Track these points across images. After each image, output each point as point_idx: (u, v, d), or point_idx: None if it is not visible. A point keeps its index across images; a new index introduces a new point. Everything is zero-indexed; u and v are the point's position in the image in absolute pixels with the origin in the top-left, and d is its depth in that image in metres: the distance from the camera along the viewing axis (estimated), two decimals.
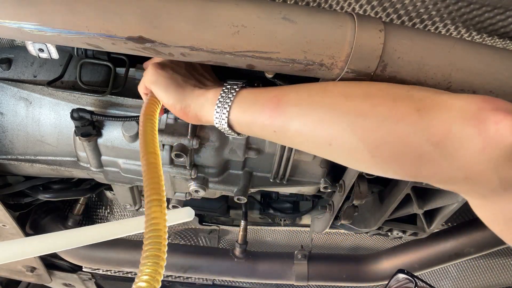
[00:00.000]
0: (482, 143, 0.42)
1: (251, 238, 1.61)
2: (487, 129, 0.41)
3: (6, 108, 0.88)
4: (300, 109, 0.52)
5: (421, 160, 0.46)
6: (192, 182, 0.93)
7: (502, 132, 0.41)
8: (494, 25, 0.67)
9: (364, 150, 0.48)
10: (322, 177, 0.97)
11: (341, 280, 1.43)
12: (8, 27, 0.51)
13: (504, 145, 0.41)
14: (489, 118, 0.42)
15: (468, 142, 0.42)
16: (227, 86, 0.60)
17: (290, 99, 0.54)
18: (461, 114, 0.43)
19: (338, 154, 0.52)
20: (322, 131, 0.51)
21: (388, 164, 0.49)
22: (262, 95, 0.56)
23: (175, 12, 0.52)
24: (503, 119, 0.41)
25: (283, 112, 0.53)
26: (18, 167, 0.97)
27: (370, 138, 0.48)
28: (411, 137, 0.45)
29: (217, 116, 0.58)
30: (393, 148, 0.47)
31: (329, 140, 0.50)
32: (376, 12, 0.68)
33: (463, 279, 1.64)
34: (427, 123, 0.45)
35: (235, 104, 0.57)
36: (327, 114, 0.50)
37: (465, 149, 0.43)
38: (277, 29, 0.54)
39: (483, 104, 0.43)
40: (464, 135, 0.43)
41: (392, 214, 1.02)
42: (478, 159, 0.42)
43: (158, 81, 0.63)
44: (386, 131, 0.46)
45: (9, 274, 1.47)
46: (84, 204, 1.41)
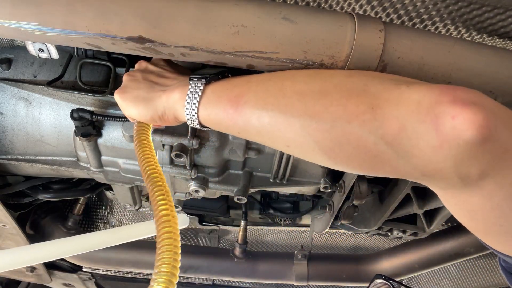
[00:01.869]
0: (438, 140, 0.39)
1: (251, 238, 1.61)
2: (443, 125, 0.38)
3: (6, 108, 0.88)
4: (257, 111, 0.51)
5: (377, 159, 0.44)
6: (192, 182, 0.93)
7: (460, 127, 0.37)
8: (494, 25, 0.67)
9: (320, 151, 0.48)
10: (322, 177, 0.97)
11: (341, 280, 1.43)
12: (8, 27, 0.51)
13: (462, 140, 0.37)
14: (445, 112, 0.38)
15: (423, 139, 0.40)
16: (191, 84, 0.58)
17: (248, 100, 0.52)
18: (416, 108, 0.40)
19: (297, 155, 0.54)
20: (278, 133, 0.51)
21: (344, 164, 0.49)
22: (224, 95, 0.55)
23: (175, 12, 0.52)
24: (461, 112, 0.37)
25: (242, 114, 0.53)
26: (18, 167, 0.97)
27: (324, 140, 0.47)
28: (365, 137, 0.43)
29: (188, 118, 0.58)
30: (347, 149, 0.46)
31: (286, 142, 0.51)
32: (376, 12, 0.68)
33: (463, 279, 1.64)
34: (381, 122, 0.42)
35: (202, 104, 0.57)
36: (282, 117, 0.49)
37: (420, 147, 0.40)
38: (277, 29, 0.54)
39: (440, 97, 0.39)
40: (419, 132, 0.40)
41: (392, 214, 1.02)
42: (435, 157, 0.40)
43: (127, 107, 0.65)
44: (339, 132, 0.45)
45: (9, 274, 1.47)
46: (84, 204, 1.41)
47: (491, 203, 0.41)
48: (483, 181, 0.40)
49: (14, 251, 0.71)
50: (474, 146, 0.37)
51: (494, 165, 0.39)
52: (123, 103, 0.65)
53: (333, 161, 0.49)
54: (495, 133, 0.37)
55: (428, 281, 1.75)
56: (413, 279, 1.79)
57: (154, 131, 0.85)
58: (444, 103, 0.39)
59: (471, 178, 0.40)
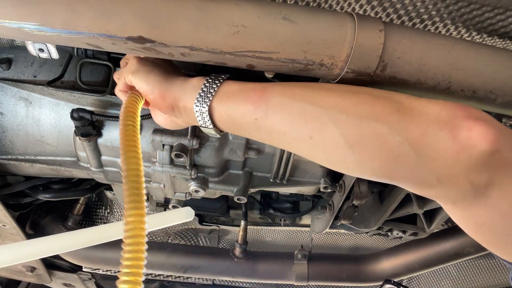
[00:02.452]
0: (456, 147, 0.44)
1: (251, 238, 1.61)
2: (461, 135, 0.43)
3: (6, 108, 0.88)
4: (284, 100, 0.52)
5: (398, 160, 0.47)
6: (192, 182, 0.93)
7: (474, 138, 0.43)
8: (494, 25, 0.67)
9: (345, 145, 0.49)
10: (322, 177, 0.97)
11: (341, 280, 1.43)
12: (8, 27, 0.51)
13: (475, 150, 0.43)
14: (462, 124, 0.44)
15: (443, 145, 0.44)
16: (212, 76, 0.59)
17: (275, 91, 0.54)
18: (437, 118, 0.45)
19: (317, 149, 0.52)
20: (303, 123, 0.51)
21: (366, 162, 0.49)
22: (247, 85, 0.56)
23: (175, 12, 0.52)
24: (475, 126, 0.43)
25: (266, 101, 0.53)
26: (18, 167, 0.97)
27: (351, 134, 0.48)
28: (390, 136, 0.46)
29: (198, 103, 0.57)
30: (372, 145, 0.47)
31: (310, 133, 0.51)
32: (376, 12, 0.68)
33: (463, 279, 1.64)
34: (406, 124, 0.46)
35: (220, 91, 0.57)
36: (310, 108, 0.51)
37: (439, 151, 0.44)
38: (277, 29, 0.53)
39: (458, 111, 0.45)
40: (439, 138, 0.44)
41: (392, 214, 1.02)
42: (451, 162, 0.44)
43: (138, 70, 0.61)
44: (366, 128, 0.47)
45: (9, 274, 1.47)
46: (84, 204, 1.41)
47: (497, 212, 0.45)
48: (490, 190, 0.44)
49: (11, 246, 0.71)
50: (485, 155, 0.43)
51: (500, 174, 0.44)
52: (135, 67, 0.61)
53: (355, 157, 0.49)
54: (502, 146, 0.43)
55: (428, 281, 1.75)
56: (413, 279, 1.79)
57: (154, 131, 0.85)
58: (461, 117, 0.44)
59: (480, 185, 0.44)
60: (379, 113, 0.47)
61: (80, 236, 0.76)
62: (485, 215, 0.47)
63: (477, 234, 0.50)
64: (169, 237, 1.65)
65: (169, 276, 1.69)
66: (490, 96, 0.60)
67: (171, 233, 1.64)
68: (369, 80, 0.58)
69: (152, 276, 1.69)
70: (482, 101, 0.62)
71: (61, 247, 0.74)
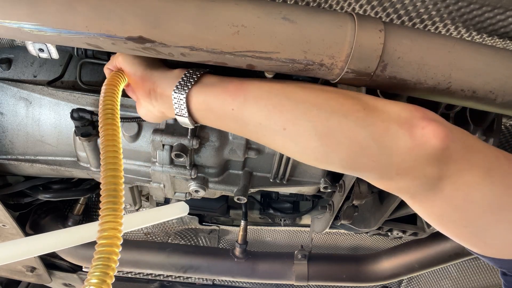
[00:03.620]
0: (412, 143, 0.49)
1: (251, 238, 1.61)
2: (416, 132, 0.49)
3: (6, 108, 0.88)
4: (261, 93, 0.56)
5: (363, 152, 0.51)
6: (192, 182, 0.93)
7: (427, 135, 0.48)
8: (494, 25, 0.67)
9: (315, 137, 0.53)
10: (322, 177, 0.97)
11: (341, 280, 1.43)
12: (8, 27, 0.51)
13: (428, 146, 0.48)
14: (418, 124, 0.49)
15: (401, 141, 0.49)
16: (193, 68, 0.62)
17: (253, 84, 0.57)
18: (397, 117, 0.51)
19: (290, 140, 0.55)
20: (279, 114, 0.54)
21: (334, 153, 0.53)
22: (226, 78, 0.60)
23: (175, 12, 0.52)
24: (428, 125, 0.49)
25: (244, 93, 0.56)
26: (18, 167, 0.97)
27: (321, 126, 0.52)
28: (357, 130, 0.51)
29: (176, 90, 0.58)
30: (340, 138, 0.52)
31: (284, 124, 0.54)
32: (376, 12, 0.68)
33: (463, 279, 1.64)
34: (371, 121, 0.51)
35: (200, 81, 0.59)
36: (285, 101, 0.54)
37: (398, 146, 0.50)
38: (277, 29, 0.54)
39: (415, 112, 0.51)
40: (398, 134, 0.50)
41: (392, 214, 1.02)
42: (408, 156, 0.49)
43: (127, 54, 0.64)
44: (336, 122, 0.52)
45: (9, 274, 1.47)
46: (84, 204, 1.41)
47: (451, 204, 0.50)
48: (443, 183, 0.49)
49: (8, 244, 0.71)
50: (437, 151, 0.48)
51: (450, 168, 0.49)
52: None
53: (324, 149, 0.53)
54: (451, 144, 0.49)
55: (428, 281, 1.75)
56: (413, 279, 1.79)
57: (155, 131, 0.85)
58: (418, 117, 0.50)
59: (434, 178, 0.49)
60: (347, 110, 0.52)
61: (76, 233, 0.76)
62: (441, 207, 0.51)
63: (440, 226, 0.55)
64: (169, 237, 1.65)
65: (169, 276, 1.69)
66: (490, 96, 0.60)
67: (171, 233, 1.64)
68: (369, 80, 0.58)
69: (152, 276, 1.69)
70: (482, 101, 0.62)
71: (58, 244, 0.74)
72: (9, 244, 0.71)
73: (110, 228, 0.48)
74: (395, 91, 0.62)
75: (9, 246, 0.71)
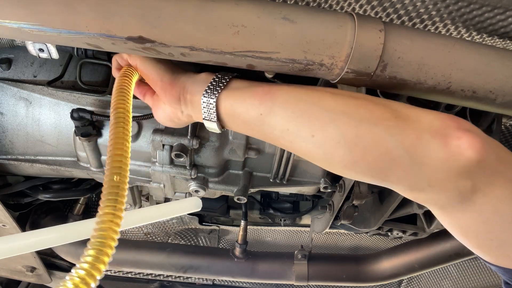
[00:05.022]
0: (446, 154, 0.47)
1: (251, 238, 1.61)
2: (451, 143, 0.47)
3: (6, 108, 0.88)
4: (289, 99, 0.55)
5: (393, 162, 0.49)
6: (192, 182, 0.93)
7: (463, 146, 0.46)
8: (494, 25, 0.67)
9: (345, 145, 0.51)
10: (322, 177, 0.97)
11: (341, 280, 1.43)
12: (8, 27, 0.51)
13: (463, 158, 0.46)
14: (453, 134, 0.47)
15: (434, 151, 0.47)
16: (221, 72, 0.61)
17: (281, 89, 0.56)
18: (430, 126, 0.49)
19: (318, 147, 0.53)
20: (307, 121, 0.53)
21: (363, 163, 0.51)
22: (255, 83, 0.59)
23: (175, 12, 0.52)
24: (464, 136, 0.47)
25: (272, 98, 0.55)
26: (18, 167, 0.97)
27: (351, 135, 0.51)
28: (387, 139, 0.49)
29: (206, 95, 0.58)
30: (370, 147, 0.50)
31: (312, 131, 0.53)
32: (376, 12, 0.68)
33: (463, 279, 1.64)
34: (402, 130, 0.49)
35: (228, 86, 0.59)
36: (313, 107, 0.53)
37: (431, 157, 0.48)
38: (277, 29, 0.53)
39: (449, 122, 0.49)
40: (431, 145, 0.48)
41: (392, 214, 1.02)
42: (441, 168, 0.47)
43: (147, 58, 0.63)
44: (365, 130, 0.50)
45: (9, 274, 1.47)
46: (84, 204, 1.41)
47: (481, 217, 0.49)
48: (475, 196, 0.48)
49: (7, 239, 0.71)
50: (472, 163, 0.46)
51: (484, 181, 0.47)
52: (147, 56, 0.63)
53: (353, 158, 0.51)
54: (487, 156, 0.47)
55: (428, 281, 1.75)
56: (413, 279, 1.79)
57: (155, 131, 0.85)
58: (452, 127, 0.48)
59: (466, 191, 0.48)
60: (377, 118, 0.50)
61: (75, 228, 0.75)
62: (470, 220, 0.50)
63: (464, 238, 0.53)
64: (169, 237, 1.65)
65: (169, 276, 1.69)
66: (490, 96, 0.60)
67: (171, 233, 1.64)
68: (369, 80, 0.58)
69: (152, 276, 1.69)
70: (482, 101, 0.62)
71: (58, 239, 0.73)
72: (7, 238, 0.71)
73: (108, 220, 0.46)
74: (395, 91, 0.62)
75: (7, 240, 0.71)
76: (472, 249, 0.53)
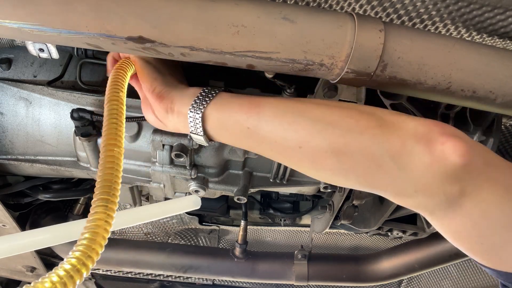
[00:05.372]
0: (430, 159, 0.47)
1: (251, 238, 1.61)
2: (435, 148, 0.47)
3: (6, 108, 0.88)
4: (276, 111, 0.56)
5: (380, 169, 0.50)
6: (192, 182, 0.93)
7: (447, 151, 0.47)
8: (494, 25, 0.67)
9: (332, 154, 0.52)
10: None
11: (341, 280, 1.43)
12: (8, 27, 0.51)
13: (448, 161, 0.47)
14: (436, 139, 0.48)
15: (419, 157, 0.48)
16: (209, 87, 0.62)
17: (268, 102, 0.57)
18: (414, 132, 0.49)
19: (306, 158, 0.54)
20: (294, 133, 0.54)
21: (351, 171, 0.52)
22: (241, 96, 0.60)
23: (175, 12, 0.52)
24: (448, 141, 0.47)
25: (259, 111, 0.56)
26: (18, 167, 0.97)
27: (338, 144, 0.52)
28: (373, 147, 0.50)
29: (192, 109, 0.59)
30: (357, 155, 0.51)
31: (300, 142, 0.54)
32: (376, 12, 0.68)
33: (463, 279, 1.64)
34: (387, 137, 0.50)
35: (215, 100, 0.60)
36: (300, 118, 0.54)
37: (416, 163, 0.48)
38: (277, 29, 0.53)
39: (433, 127, 0.49)
40: (416, 151, 0.48)
41: (392, 214, 1.02)
42: (427, 173, 0.48)
43: (150, 62, 0.65)
44: (352, 139, 0.51)
45: (9, 274, 1.47)
46: (84, 204, 1.41)
47: (470, 222, 0.49)
48: (463, 200, 0.48)
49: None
50: (457, 167, 0.47)
51: (470, 184, 0.47)
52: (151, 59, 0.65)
53: (340, 166, 0.52)
54: (472, 160, 0.47)
55: (428, 281, 1.75)
56: (413, 279, 1.79)
57: (155, 131, 0.85)
58: (436, 132, 0.49)
59: (454, 195, 0.48)
60: (363, 127, 0.51)
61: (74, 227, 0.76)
62: (460, 224, 0.50)
63: (456, 242, 0.53)
64: (169, 237, 1.65)
65: (169, 276, 1.69)
66: (490, 96, 0.60)
67: (171, 233, 1.64)
68: (369, 80, 0.58)
69: (152, 276, 1.69)
70: (482, 101, 0.62)
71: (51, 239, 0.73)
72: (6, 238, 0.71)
73: (98, 219, 0.47)
74: (395, 91, 0.62)
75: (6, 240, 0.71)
76: (465, 252, 0.54)
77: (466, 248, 0.53)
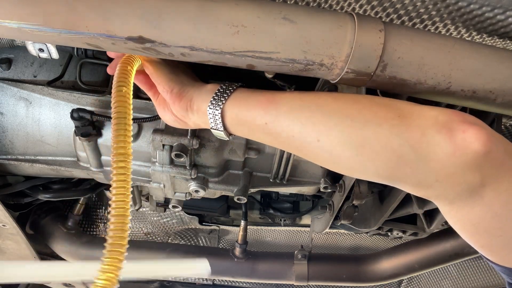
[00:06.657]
0: (452, 148, 0.47)
1: (251, 238, 1.61)
2: (456, 136, 0.47)
3: (6, 108, 0.88)
4: (293, 106, 0.56)
5: (400, 160, 0.50)
6: (192, 182, 0.93)
7: (469, 139, 0.46)
8: (494, 25, 0.67)
9: (351, 147, 0.52)
10: (322, 177, 0.97)
11: (341, 280, 1.43)
12: (8, 27, 0.51)
13: (470, 150, 0.46)
14: (458, 127, 0.47)
15: (440, 146, 0.47)
16: (226, 83, 0.63)
17: (285, 97, 0.57)
18: (434, 122, 0.49)
19: (324, 151, 0.54)
20: (312, 126, 0.54)
21: (370, 163, 0.52)
22: (259, 92, 0.60)
23: (175, 12, 0.52)
24: (469, 129, 0.47)
25: (276, 106, 0.56)
26: (18, 167, 0.97)
27: (356, 137, 0.51)
28: (392, 138, 0.50)
29: (211, 106, 0.60)
30: (376, 147, 0.50)
31: (317, 135, 0.53)
32: (376, 12, 0.68)
33: (463, 279, 1.64)
34: (406, 127, 0.49)
35: (232, 96, 0.60)
36: (317, 112, 0.54)
37: (437, 152, 0.48)
38: (277, 29, 0.53)
39: (453, 116, 0.49)
40: (436, 140, 0.48)
41: (392, 214, 1.02)
42: (448, 162, 0.47)
43: (161, 63, 0.65)
44: (370, 132, 0.51)
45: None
46: (84, 204, 1.41)
47: (491, 212, 0.48)
48: (484, 189, 0.47)
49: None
50: (479, 156, 0.46)
51: (492, 174, 0.47)
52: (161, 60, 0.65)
53: (359, 159, 0.52)
54: (494, 148, 0.46)
55: (428, 281, 1.75)
56: (413, 279, 1.79)
57: (155, 131, 0.85)
58: (457, 121, 0.48)
59: (475, 185, 0.47)
60: (381, 118, 0.51)
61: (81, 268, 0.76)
62: (480, 215, 0.49)
63: (473, 235, 0.53)
64: (169, 237, 1.65)
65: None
66: (490, 96, 0.60)
67: (171, 233, 1.64)
68: (369, 80, 0.58)
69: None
70: (482, 101, 0.62)
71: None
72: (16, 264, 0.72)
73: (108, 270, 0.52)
74: (395, 91, 0.62)
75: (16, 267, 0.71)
76: (479, 248, 0.53)
77: (482, 243, 0.52)
